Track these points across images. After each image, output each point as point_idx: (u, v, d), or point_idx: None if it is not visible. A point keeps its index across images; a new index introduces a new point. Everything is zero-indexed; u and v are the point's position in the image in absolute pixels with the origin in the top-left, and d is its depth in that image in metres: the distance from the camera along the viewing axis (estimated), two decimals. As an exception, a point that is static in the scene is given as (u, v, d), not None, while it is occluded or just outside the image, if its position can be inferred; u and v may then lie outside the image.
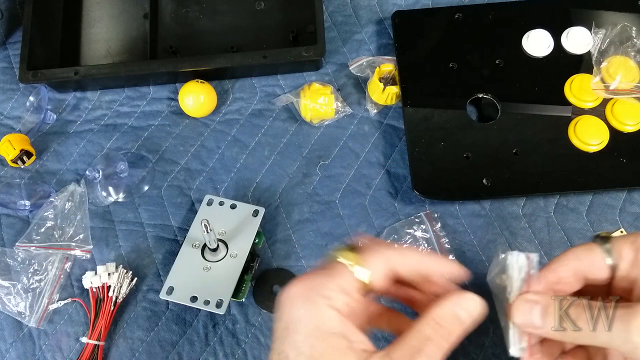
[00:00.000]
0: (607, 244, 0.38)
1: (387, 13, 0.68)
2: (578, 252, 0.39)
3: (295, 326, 0.35)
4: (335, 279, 0.36)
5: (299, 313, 0.35)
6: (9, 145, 0.62)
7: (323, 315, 0.35)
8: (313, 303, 0.35)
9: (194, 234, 0.57)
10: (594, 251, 0.38)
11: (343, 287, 0.36)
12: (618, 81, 0.59)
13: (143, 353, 0.56)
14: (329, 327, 0.34)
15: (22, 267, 0.58)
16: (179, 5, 0.70)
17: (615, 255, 0.37)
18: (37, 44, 0.65)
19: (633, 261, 0.37)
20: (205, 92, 0.63)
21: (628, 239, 0.37)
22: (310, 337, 0.34)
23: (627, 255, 0.37)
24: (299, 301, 0.35)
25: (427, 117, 0.61)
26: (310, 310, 0.35)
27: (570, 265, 0.38)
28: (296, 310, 0.35)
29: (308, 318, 0.35)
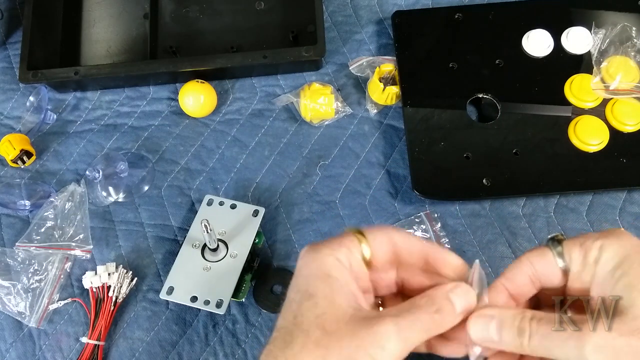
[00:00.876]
0: (559, 247, 0.38)
1: (387, 13, 0.68)
2: (531, 257, 0.39)
3: (300, 270, 0.36)
4: (341, 240, 0.37)
5: (306, 259, 0.36)
6: (9, 145, 0.62)
7: (325, 260, 0.36)
8: (318, 252, 0.36)
9: (194, 234, 0.57)
10: (546, 255, 0.38)
11: (348, 246, 0.37)
12: (618, 81, 0.59)
13: (143, 353, 0.56)
14: (329, 270, 0.36)
15: (22, 267, 0.58)
16: (179, 5, 0.70)
17: (566, 258, 0.38)
18: (37, 44, 0.65)
19: (582, 264, 0.37)
20: (205, 92, 0.63)
21: (577, 240, 0.37)
22: (308, 276, 0.36)
23: (576, 258, 0.37)
24: (308, 252, 0.37)
25: (427, 117, 0.61)
26: (315, 257, 0.36)
27: (525, 270, 0.39)
28: (304, 259, 0.36)
29: (312, 262, 0.36)
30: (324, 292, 0.35)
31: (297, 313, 0.34)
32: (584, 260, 0.37)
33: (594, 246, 0.36)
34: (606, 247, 0.36)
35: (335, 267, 0.36)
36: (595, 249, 0.36)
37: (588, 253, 0.37)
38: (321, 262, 0.36)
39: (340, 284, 0.35)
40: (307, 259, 0.36)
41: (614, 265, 0.35)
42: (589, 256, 0.37)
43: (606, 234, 0.36)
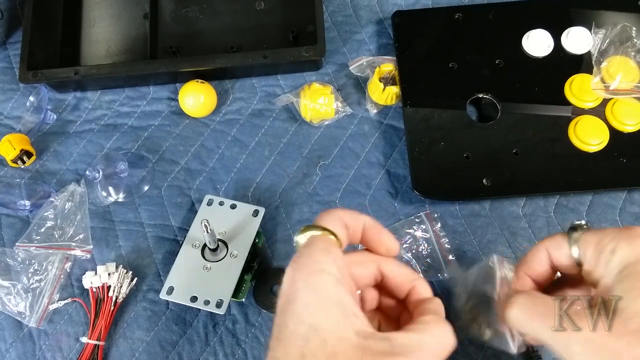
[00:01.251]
0: (575, 234, 0.39)
1: (387, 13, 0.68)
2: (548, 245, 0.40)
3: (294, 296, 0.35)
4: (319, 246, 0.36)
5: (297, 285, 0.35)
6: (9, 145, 0.62)
7: (319, 282, 0.35)
8: (308, 273, 0.35)
9: (194, 234, 0.57)
10: (563, 246, 0.39)
11: (330, 251, 0.36)
12: (618, 81, 0.59)
13: (143, 353, 0.56)
14: (326, 293, 0.35)
15: (22, 267, 0.58)
16: (179, 5, 0.70)
17: (581, 253, 0.39)
18: (37, 44, 0.65)
19: (595, 263, 0.38)
20: (205, 92, 0.63)
21: (594, 238, 0.38)
22: (309, 306, 0.34)
23: (590, 256, 0.38)
24: (295, 275, 0.35)
25: (427, 117, 0.61)
26: (307, 279, 0.35)
27: (542, 257, 0.40)
28: (294, 283, 0.35)
29: (305, 287, 0.35)
30: (330, 325, 0.34)
31: (305, 352, 0.33)
32: (596, 260, 0.38)
33: (607, 248, 0.37)
34: (618, 250, 0.36)
35: (331, 286, 0.35)
36: (608, 252, 0.37)
37: (601, 254, 0.37)
38: (316, 285, 0.35)
39: (342, 307, 0.34)
40: (300, 282, 0.35)
41: (621, 268, 0.36)
42: (601, 257, 0.37)
43: (623, 235, 0.37)
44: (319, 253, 0.36)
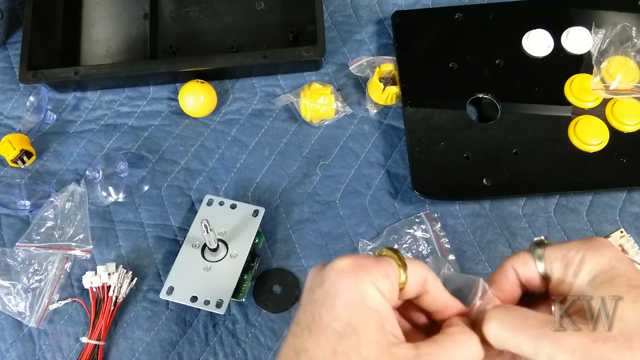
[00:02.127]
0: (539, 250, 0.39)
1: (387, 13, 0.68)
2: (514, 263, 0.40)
3: (338, 292, 0.35)
4: (383, 266, 0.36)
5: (345, 283, 0.35)
6: (9, 145, 0.62)
7: (368, 291, 0.35)
8: (361, 279, 0.35)
9: (194, 234, 0.57)
10: (528, 263, 0.39)
11: (389, 275, 0.36)
12: (618, 81, 0.59)
13: (143, 353, 0.56)
14: (370, 302, 0.35)
15: (22, 267, 0.58)
16: (179, 5, 0.70)
17: (548, 268, 0.39)
18: (37, 44, 0.65)
19: (562, 276, 0.38)
20: (205, 92, 0.63)
21: (560, 252, 0.38)
22: (351, 306, 0.35)
23: (557, 270, 0.38)
24: (347, 273, 0.36)
25: (427, 117, 0.61)
26: (357, 283, 0.35)
27: (510, 277, 0.40)
28: (343, 280, 0.35)
29: (353, 289, 0.35)
30: (368, 330, 0.34)
31: (338, 349, 0.33)
32: (565, 273, 0.38)
33: (574, 260, 0.37)
34: (586, 261, 0.37)
35: (378, 302, 0.35)
36: (576, 263, 0.37)
37: (568, 267, 0.38)
38: (365, 292, 0.35)
39: (383, 320, 0.35)
40: (349, 283, 0.35)
41: (590, 279, 0.36)
42: (569, 269, 0.38)
43: (588, 246, 0.37)
44: (380, 271, 0.36)
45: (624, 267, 0.36)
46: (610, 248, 0.37)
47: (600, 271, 0.36)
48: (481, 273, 0.56)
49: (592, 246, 0.37)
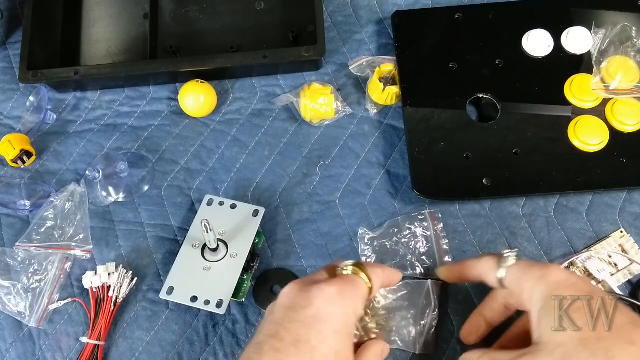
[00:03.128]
0: (502, 270, 0.46)
1: (387, 13, 0.68)
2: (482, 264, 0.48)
3: (326, 320, 0.41)
4: (360, 291, 0.43)
5: (333, 309, 0.41)
6: (9, 145, 0.62)
7: (350, 318, 0.42)
8: (346, 306, 0.42)
9: (194, 234, 0.57)
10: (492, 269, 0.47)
11: (364, 297, 0.44)
12: (618, 81, 0.59)
13: (143, 353, 0.56)
14: (351, 329, 0.43)
15: (22, 267, 0.58)
16: (179, 5, 0.70)
17: (507, 282, 0.46)
18: (37, 44, 0.65)
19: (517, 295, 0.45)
20: (205, 92, 0.63)
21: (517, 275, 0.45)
22: (337, 332, 0.41)
23: (513, 288, 0.45)
24: (335, 302, 0.41)
25: (427, 117, 0.61)
26: (343, 310, 0.42)
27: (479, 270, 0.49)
28: (331, 306, 0.41)
29: (340, 316, 0.41)
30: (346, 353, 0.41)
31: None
32: (519, 292, 0.44)
33: (525, 287, 0.43)
34: (535, 290, 0.43)
35: (354, 325, 0.43)
36: (527, 290, 0.43)
37: (523, 291, 0.44)
38: (348, 319, 0.42)
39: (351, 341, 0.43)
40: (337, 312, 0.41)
41: (539, 309, 0.42)
42: (524, 293, 0.44)
43: (539, 275, 0.43)
44: (360, 296, 0.43)
45: (567, 292, 0.41)
46: (557, 275, 0.43)
47: (546, 300, 0.42)
48: (481, 273, 0.56)
49: (542, 276, 0.43)
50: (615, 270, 0.55)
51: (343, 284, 0.43)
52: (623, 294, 0.54)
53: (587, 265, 0.56)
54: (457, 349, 0.54)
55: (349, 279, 0.44)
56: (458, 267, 0.52)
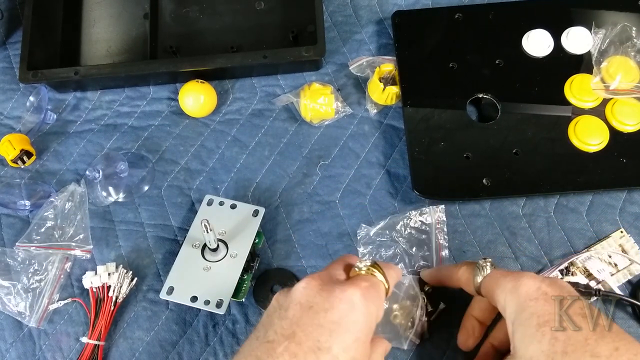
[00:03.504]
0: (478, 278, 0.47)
1: (387, 13, 0.68)
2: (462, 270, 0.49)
3: (349, 326, 0.39)
4: (380, 294, 0.43)
5: (357, 317, 0.40)
6: (9, 145, 0.62)
7: (372, 325, 0.41)
8: (369, 314, 0.41)
9: (194, 234, 0.57)
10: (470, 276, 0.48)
11: (383, 300, 0.43)
12: (618, 81, 0.59)
13: (143, 353, 0.56)
14: (370, 335, 0.41)
15: (22, 267, 0.58)
16: (179, 5, 0.70)
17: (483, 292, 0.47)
18: (37, 44, 0.65)
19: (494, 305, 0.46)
20: (205, 92, 0.63)
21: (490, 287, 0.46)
22: (358, 341, 0.39)
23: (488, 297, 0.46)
24: (359, 306, 0.40)
25: (427, 117, 0.61)
26: (367, 318, 0.40)
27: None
28: (355, 313, 0.40)
29: (363, 324, 0.40)
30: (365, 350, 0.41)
31: None
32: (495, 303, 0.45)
33: (500, 300, 0.44)
34: (507, 303, 0.43)
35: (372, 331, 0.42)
36: (500, 303, 0.44)
37: (497, 303, 0.44)
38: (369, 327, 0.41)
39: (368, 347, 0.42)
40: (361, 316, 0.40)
41: (512, 320, 0.42)
42: (498, 305, 0.44)
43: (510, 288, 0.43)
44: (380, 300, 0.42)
45: (536, 305, 0.41)
46: (528, 285, 0.43)
47: (518, 310, 0.42)
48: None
49: (513, 288, 0.43)
50: (615, 270, 0.55)
51: (367, 288, 0.41)
52: (623, 294, 0.54)
53: (587, 265, 0.56)
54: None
55: (371, 282, 0.42)
56: (438, 273, 0.53)
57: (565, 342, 0.39)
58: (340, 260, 0.45)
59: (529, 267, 0.57)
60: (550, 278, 0.44)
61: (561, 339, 0.39)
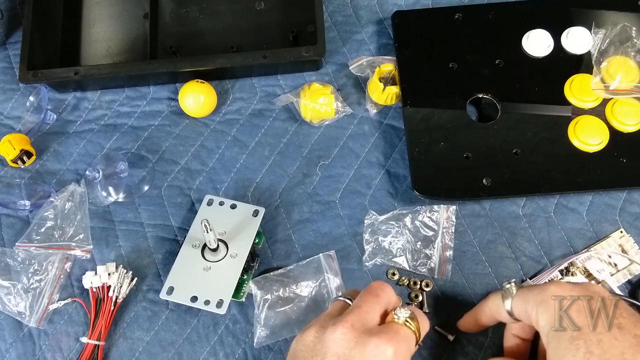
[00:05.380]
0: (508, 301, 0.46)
1: (387, 13, 0.68)
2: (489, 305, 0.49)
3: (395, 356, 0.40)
4: (411, 346, 0.43)
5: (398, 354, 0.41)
6: (9, 145, 0.62)
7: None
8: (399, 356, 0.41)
9: (194, 234, 0.57)
10: (500, 304, 0.47)
11: (412, 353, 0.44)
12: (618, 81, 0.59)
13: (143, 353, 0.56)
14: None
15: (22, 267, 0.58)
16: (179, 5, 0.70)
17: (515, 313, 0.46)
18: (37, 44, 0.65)
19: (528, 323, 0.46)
20: (205, 92, 0.63)
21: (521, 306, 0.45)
22: None
23: (521, 318, 0.46)
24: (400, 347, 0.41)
25: (427, 117, 0.61)
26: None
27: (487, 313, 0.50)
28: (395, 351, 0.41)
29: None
30: None
31: None
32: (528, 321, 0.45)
33: (532, 314, 0.44)
34: (539, 316, 0.43)
35: None
36: (533, 317, 0.44)
37: (530, 319, 0.44)
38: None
39: None
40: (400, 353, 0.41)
41: (545, 333, 0.42)
42: (531, 320, 0.44)
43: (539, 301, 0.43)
44: (411, 353, 0.43)
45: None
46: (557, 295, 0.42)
47: (550, 325, 0.42)
48: (481, 273, 0.56)
49: (542, 301, 0.43)
50: (615, 270, 0.55)
51: (400, 342, 0.41)
52: (623, 294, 0.54)
53: (587, 265, 0.56)
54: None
55: (405, 335, 0.42)
56: (472, 316, 0.51)
57: (601, 356, 0.38)
58: (373, 294, 0.45)
59: (529, 267, 0.57)
60: (579, 284, 0.44)
61: (596, 352, 0.39)
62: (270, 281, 0.56)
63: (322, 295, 0.55)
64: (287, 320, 0.54)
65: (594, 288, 0.43)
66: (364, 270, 0.57)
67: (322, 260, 0.56)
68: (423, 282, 0.56)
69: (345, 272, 0.57)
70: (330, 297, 0.54)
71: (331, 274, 0.55)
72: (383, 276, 0.57)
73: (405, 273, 0.57)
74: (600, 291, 0.43)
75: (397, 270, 0.57)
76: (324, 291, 0.55)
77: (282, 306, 0.55)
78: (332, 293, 0.54)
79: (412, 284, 0.56)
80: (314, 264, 0.56)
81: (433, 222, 0.58)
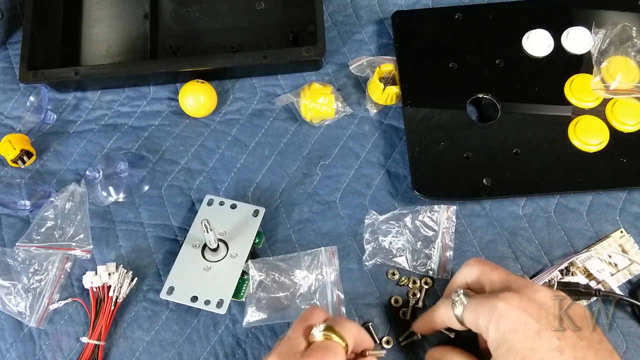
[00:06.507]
0: (458, 308, 0.46)
1: (387, 13, 0.68)
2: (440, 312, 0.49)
3: None
4: (339, 356, 0.43)
5: None
6: (9, 145, 0.62)
7: None
8: None
9: (194, 234, 0.57)
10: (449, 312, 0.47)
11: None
12: (618, 81, 0.59)
13: (143, 353, 0.56)
14: None
15: (22, 267, 0.58)
16: (179, 5, 0.70)
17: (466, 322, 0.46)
18: (37, 44, 0.65)
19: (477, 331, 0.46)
20: (205, 92, 0.63)
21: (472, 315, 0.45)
22: None
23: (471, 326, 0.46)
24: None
25: (427, 117, 0.61)
26: None
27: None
28: None
29: None
30: None
31: None
32: (478, 330, 0.45)
33: (482, 327, 0.44)
34: (489, 329, 0.43)
35: None
36: (483, 330, 0.44)
37: (479, 329, 0.44)
38: None
39: None
40: None
41: (494, 348, 0.43)
42: (481, 331, 0.44)
43: (491, 314, 0.43)
44: None
45: (516, 339, 0.42)
46: (509, 318, 0.42)
47: (498, 343, 0.42)
48: (481, 273, 0.56)
49: (493, 315, 0.43)
50: (615, 270, 0.55)
51: (323, 358, 0.42)
52: (623, 294, 0.54)
53: (587, 265, 0.56)
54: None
55: (328, 348, 0.43)
56: (425, 321, 0.52)
57: None
58: (302, 320, 0.46)
59: (529, 267, 0.57)
60: (524, 295, 0.43)
61: None
62: (268, 264, 0.56)
63: (316, 288, 0.55)
64: (278, 305, 0.54)
65: (539, 298, 0.43)
66: (364, 270, 0.57)
67: (323, 254, 0.56)
68: (422, 280, 0.56)
69: (345, 271, 0.57)
70: (325, 291, 0.55)
71: (329, 268, 0.55)
72: (383, 276, 0.57)
73: (406, 273, 0.57)
74: (546, 299, 0.43)
75: (397, 270, 0.57)
76: (319, 284, 0.55)
77: (277, 291, 0.55)
78: (328, 287, 0.55)
79: (411, 282, 0.56)
80: (314, 255, 0.56)
81: (433, 222, 0.58)
